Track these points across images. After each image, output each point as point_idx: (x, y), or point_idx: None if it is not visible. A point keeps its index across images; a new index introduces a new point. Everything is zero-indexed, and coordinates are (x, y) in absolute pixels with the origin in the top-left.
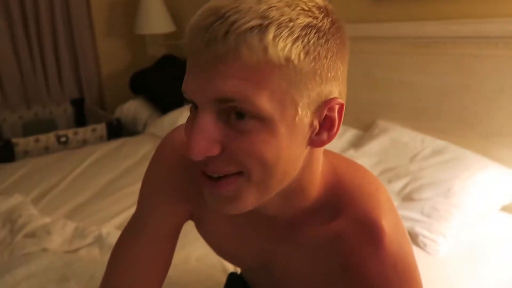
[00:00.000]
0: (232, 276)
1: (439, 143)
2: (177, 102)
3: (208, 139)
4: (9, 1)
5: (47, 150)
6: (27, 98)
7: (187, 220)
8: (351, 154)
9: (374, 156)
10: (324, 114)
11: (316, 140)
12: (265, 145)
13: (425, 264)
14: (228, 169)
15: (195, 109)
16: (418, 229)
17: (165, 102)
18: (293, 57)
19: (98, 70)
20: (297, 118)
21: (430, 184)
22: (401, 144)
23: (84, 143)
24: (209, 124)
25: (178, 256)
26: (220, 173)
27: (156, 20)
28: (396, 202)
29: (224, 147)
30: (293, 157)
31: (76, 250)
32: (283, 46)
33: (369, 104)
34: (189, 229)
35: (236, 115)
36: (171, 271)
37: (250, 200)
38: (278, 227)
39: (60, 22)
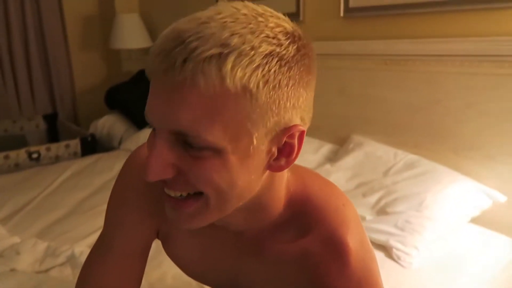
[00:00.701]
0: None
1: (411, 157)
2: None
3: (162, 163)
4: None
5: (17, 166)
6: None
7: (154, 237)
8: (327, 168)
9: (350, 170)
10: (283, 141)
11: (274, 165)
12: (217, 173)
13: (399, 276)
14: (185, 190)
15: (154, 131)
16: (392, 242)
17: (141, 117)
18: (251, 86)
19: (72, 85)
20: (251, 147)
21: (403, 198)
22: (375, 158)
23: (57, 159)
24: (164, 149)
25: (155, 274)
26: (178, 193)
27: (132, 35)
28: (371, 216)
29: (180, 170)
30: (247, 182)
31: (48, 270)
32: (241, 76)
33: (344, 119)
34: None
35: (189, 144)
36: None
37: (208, 219)
38: (245, 244)
39: (33, 35)
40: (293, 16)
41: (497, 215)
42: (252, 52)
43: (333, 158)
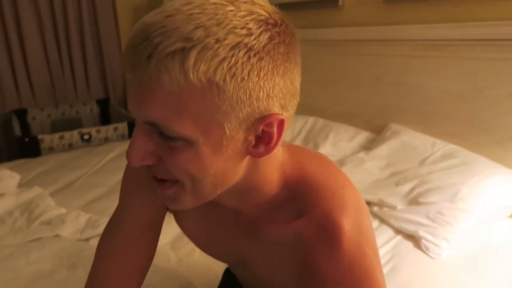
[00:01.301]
0: (227, 271)
1: (449, 147)
2: None
3: (142, 151)
4: (39, 7)
5: (70, 146)
6: (55, 98)
7: (164, 212)
8: (361, 157)
9: (384, 159)
10: (261, 130)
11: (253, 152)
12: (190, 162)
13: (426, 267)
14: (166, 176)
15: None
16: (422, 232)
17: None
18: (217, 79)
19: (123, 71)
20: (224, 138)
21: (437, 188)
22: (412, 148)
23: (106, 140)
24: (142, 139)
25: (184, 250)
26: (161, 177)
27: None
28: (402, 205)
29: (159, 158)
30: (222, 170)
31: (87, 239)
32: (205, 70)
33: (381, 107)
34: None
35: (164, 134)
36: (177, 265)
37: (187, 203)
38: (243, 223)
39: (88, 25)
40: (332, 1)
41: None
42: (217, 45)
43: (368, 146)
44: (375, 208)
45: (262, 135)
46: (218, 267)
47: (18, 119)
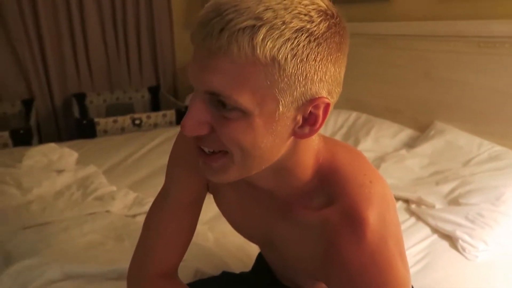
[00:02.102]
0: (260, 255)
1: (497, 149)
2: None
3: (197, 121)
4: None
5: (123, 130)
6: (111, 84)
7: (205, 191)
8: (402, 154)
9: (426, 158)
10: (309, 111)
11: (298, 132)
12: (243, 133)
13: (461, 268)
14: (215, 147)
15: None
16: (459, 233)
17: None
18: (279, 57)
19: (173, 61)
20: (277, 114)
21: (479, 190)
22: (456, 148)
23: (155, 126)
24: (199, 108)
25: (221, 231)
26: (210, 149)
27: None
28: (441, 205)
29: (213, 128)
30: (270, 145)
31: (134, 215)
32: (271, 47)
33: (428, 104)
34: None
35: (221, 104)
36: (213, 245)
37: (232, 175)
38: (276, 204)
39: (144, 14)
40: None
41: None
42: (283, 26)
43: (411, 144)
44: (413, 206)
45: (309, 116)
46: (251, 248)
47: (77, 102)
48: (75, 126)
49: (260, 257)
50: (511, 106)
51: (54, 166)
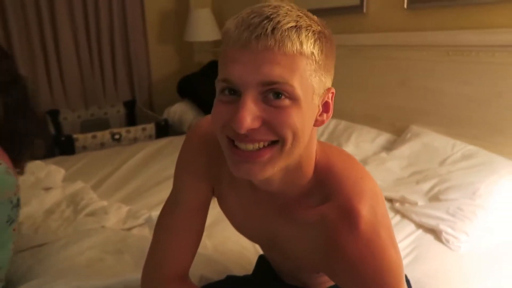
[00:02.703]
0: (260, 257)
1: (469, 148)
2: None
3: (252, 115)
4: (73, 11)
5: (102, 145)
6: (85, 99)
7: (211, 195)
8: (382, 157)
9: (405, 159)
10: (325, 100)
11: (319, 120)
12: (296, 117)
13: (446, 258)
14: (267, 138)
15: (231, 94)
16: (442, 226)
17: (209, 105)
18: (315, 52)
19: (149, 75)
20: (312, 100)
21: (457, 186)
22: (432, 149)
23: (135, 140)
24: (253, 103)
25: (219, 239)
26: (259, 143)
27: (204, 29)
28: (423, 202)
29: (263, 121)
30: (308, 131)
31: (129, 229)
32: (310, 43)
33: (404, 110)
34: None
35: (274, 95)
36: (213, 251)
37: (277, 166)
38: (276, 205)
39: (118, 30)
40: (357, 8)
41: None
42: (312, 28)
43: (389, 147)
44: (397, 205)
45: (324, 104)
46: (250, 254)
47: (51, 119)
48: (52, 143)
49: (260, 260)
50: (480, 109)
51: (41, 184)
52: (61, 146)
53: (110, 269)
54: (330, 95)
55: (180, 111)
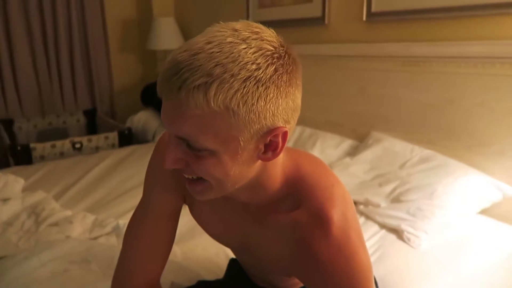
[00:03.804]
0: (232, 261)
1: (426, 152)
2: None
3: (174, 158)
4: (29, 17)
5: (62, 155)
6: (42, 108)
7: (182, 203)
8: (347, 162)
9: (368, 163)
10: (268, 140)
11: (263, 157)
12: (213, 168)
13: (408, 256)
14: (193, 175)
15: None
16: (404, 226)
17: None
18: (232, 105)
19: (110, 83)
20: (239, 148)
21: (416, 188)
22: (393, 153)
23: (97, 149)
24: (174, 149)
25: (188, 246)
26: (190, 176)
27: (167, 37)
28: (385, 204)
29: (187, 163)
30: (240, 172)
31: (96, 238)
32: (223, 99)
33: (365, 117)
34: (197, 224)
35: (189, 146)
36: (183, 258)
37: (212, 195)
38: (250, 213)
39: (77, 37)
40: (319, 20)
41: (508, 208)
42: (232, 79)
43: (353, 152)
44: (361, 207)
45: (270, 143)
46: (220, 260)
47: (4, 128)
48: (6, 153)
49: (231, 264)
50: (433, 116)
51: None
52: (17, 156)
53: (76, 280)
54: (279, 134)
55: (144, 119)
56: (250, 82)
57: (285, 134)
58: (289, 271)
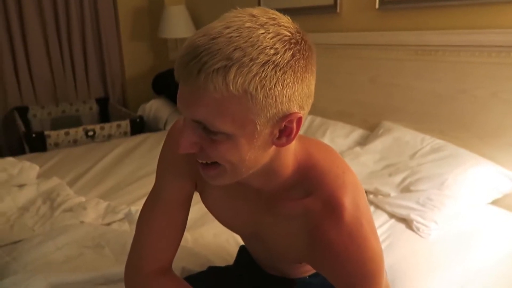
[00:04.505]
0: (242, 248)
1: (438, 142)
2: None
3: (189, 142)
4: (43, 7)
5: (75, 142)
6: (56, 96)
7: (193, 190)
8: (357, 151)
9: (378, 153)
10: (283, 125)
11: (277, 143)
12: (229, 152)
13: (417, 245)
14: (208, 160)
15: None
16: (413, 215)
17: None
18: (250, 89)
19: (122, 72)
20: (256, 132)
21: (426, 178)
22: (403, 143)
23: (109, 137)
24: (190, 133)
25: (199, 232)
26: (203, 161)
27: (178, 26)
28: (395, 193)
29: (202, 147)
30: (255, 156)
31: (109, 224)
32: (242, 82)
33: (376, 106)
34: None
35: (206, 130)
36: (194, 245)
37: (226, 180)
38: (263, 200)
39: (89, 26)
40: (330, 8)
41: None
42: (251, 63)
43: (363, 142)
44: (371, 196)
45: (284, 129)
46: (230, 247)
47: (19, 116)
48: (22, 140)
49: (241, 251)
50: (446, 106)
51: (14, 181)
52: (32, 144)
53: (90, 264)
54: (293, 119)
55: (156, 107)
56: (269, 67)
57: (299, 120)
58: (300, 259)
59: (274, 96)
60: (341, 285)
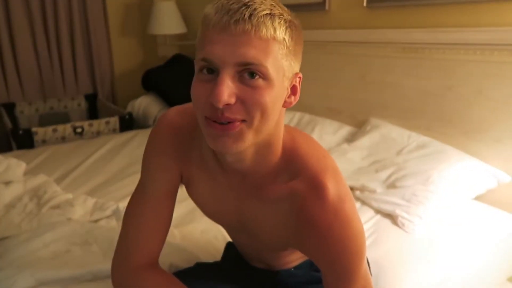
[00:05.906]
0: (229, 244)
1: (423, 139)
2: (186, 98)
3: (229, 90)
4: (30, 1)
5: (63, 139)
6: (44, 92)
7: (179, 182)
8: (344, 148)
9: (365, 150)
10: (293, 83)
11: (287, 101)
12: (267, 97)
13: (402, 241)
14: (237, 116)
15: (209, 73)
16: (399, 211)
17: (174, 99)
18: (286, 38)
19: (111, 68)
20: (283, 82)
21: (412, 174)
22: (390, 139)
23: (98, 134)
24: (230, 80)
25: (187, 229)
26: (230, 119)
27: (168, 22)
28: (381, 189)
29: (238, 98)
30: (277, 111)
31: (96, 221)
32: (282, 30)
33: (363, 103)
34: (196, 207)
35: (249, 75)
36: (181, 241)
37: (248, 140)
38: (248, 185)
39: (77, 21)
40: (319, 5)
41: (503, 195)
42: (283, 17)
43: (350, 138)
44: (358, 192)
45: (292, 88)
46: (218, 243)
47: (6, 112)
48: (9, 137)
49: (228, 247)
50: (432, 103)
51: (0, 178)
52: (19, 140)
53: (77, 260)
54: (297, 79)
55: (145, 104)
56: (292, 23)
57: (300, 81)
58: (285, 243)
59: (295, 51)
60: (324, 263)
